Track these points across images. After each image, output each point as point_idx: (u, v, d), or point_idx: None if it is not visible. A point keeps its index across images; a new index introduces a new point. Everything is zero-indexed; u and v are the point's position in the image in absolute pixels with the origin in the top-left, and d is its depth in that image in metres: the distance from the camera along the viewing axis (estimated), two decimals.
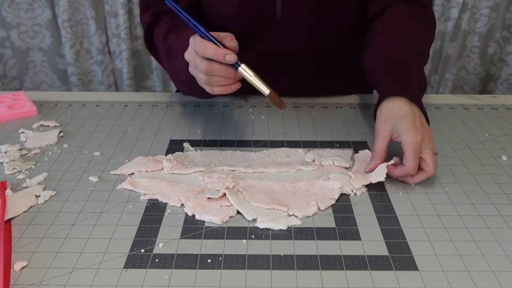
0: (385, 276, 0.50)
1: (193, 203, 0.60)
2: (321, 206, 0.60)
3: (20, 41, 1.73)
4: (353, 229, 0.56)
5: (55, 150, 0.73)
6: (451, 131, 0.79)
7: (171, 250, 0.53)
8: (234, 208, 0.59)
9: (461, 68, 1.88)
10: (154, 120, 0.83)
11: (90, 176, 0.66)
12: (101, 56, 1.75)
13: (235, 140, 0.76)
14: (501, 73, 1.89)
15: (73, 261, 0.52)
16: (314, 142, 0.76)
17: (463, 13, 1.74)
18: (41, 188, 0.63)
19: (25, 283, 0.49)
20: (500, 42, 1.84)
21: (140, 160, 0.69)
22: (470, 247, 0.54)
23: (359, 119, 0.83)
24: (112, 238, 0.55)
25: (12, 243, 0.54)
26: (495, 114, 0.85)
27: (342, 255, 0.53)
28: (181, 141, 0.75)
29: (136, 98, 0.91)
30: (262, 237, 0.55)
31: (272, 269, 0.51)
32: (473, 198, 0.62)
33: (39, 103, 0.88)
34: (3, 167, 0.68)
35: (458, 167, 0.69)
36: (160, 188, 0.63)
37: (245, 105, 0.88)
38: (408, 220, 0.58)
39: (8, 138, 0.76)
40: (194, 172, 0.66)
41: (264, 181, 0.64)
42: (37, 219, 0.58)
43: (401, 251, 0.53)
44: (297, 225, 0.57)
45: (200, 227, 0.57)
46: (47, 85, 1.83)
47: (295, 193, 0.62)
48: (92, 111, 0.86)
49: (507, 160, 0.71)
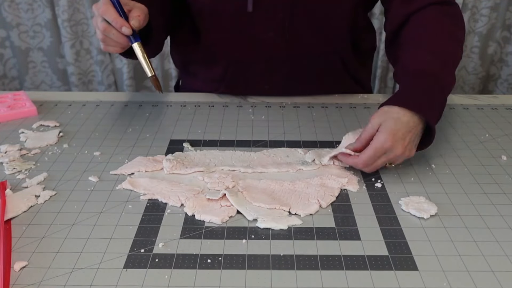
0: (385, 276, 0.50)
1: (193, 203, 0.60)
2: (322, 203, 0.60)
3: (20, 41, 1.73)
4: (353, 229, 0.56)
5: (55, 150, 0.73)
6: (451, 131, 0.79)
7: (171, 250, 0.53)
8: (234, 208, 0.59)
9: (461, 68, 1.88)
10: (154, 120, 0.83)
11: (90, 176, 0.66)
12: (101, 56, 1.75)
13: (235, 140, 0.76)
14: (501, 73, 1.89)
15: (73, 261, 0.52)
16: (314, 142, 0.76)
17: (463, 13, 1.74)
18: (41, 188, 0.63)
19: (25, 283, 0.49)
20: (500, 42, 1.84)
21: (140, 160, 0.69)
22: (470, 247, 0.54)
23: (358, 119, 0.83)
24: (112, 238, 0.55)
25: (12, 243, 0.54)
26: (495, 114, 0.85)
27: (342, 255, 0.53)
28: (181, 141, 0.75)
29: (136, 98, 0.91)
30: (262, 237, 0.55)
31: (272, 269, 0.51)
32: (473, 198, 0.62)
33: (39, 103, 0.88)
34: (3, 167, 0.68)
35: (458, 167, 0.69)
36: (160, 188, 0.63)
37: (245, 105, 0.88)
38: (408, 220, 0.58)
39: (8, 138, 0.76)
40: (194, 172, 0.66)
41: (264, 181, 0.64)
42: (37, 219, 0.58)
43: (401, 251, 0.53)
44: (297, 225, 0.57)
45: (200, 227, 0.57)
46: (47, 85, 1.83)
47: (295, 192, 0.62)
48: (92, 111, 0.86)
49: (507, 160, 0.71)
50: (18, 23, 1.70)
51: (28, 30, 1.72)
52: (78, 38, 1.73)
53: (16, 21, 1.69)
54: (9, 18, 1.68)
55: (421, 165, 0.69)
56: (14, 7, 1.67)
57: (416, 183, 0.65)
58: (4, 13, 1.67)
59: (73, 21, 1.69)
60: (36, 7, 1.68)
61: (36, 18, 1.70)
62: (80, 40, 1.74)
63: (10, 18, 1.68)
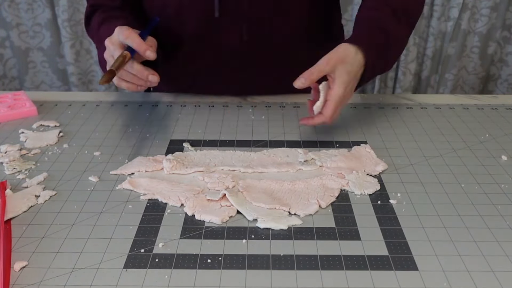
0: (385, 276, 0.50)
1: (193, 203, 0.60)
2: (322, 204, 0.60)
3: (20, 41, 1.73)
4: (353, 229, 0.56)
5: (55, 150, 0.73)
6: (451, 131, 0.79)
7: (171, 250, 0.53)
8: (234, 208, 0.59)
9: (461, 68, 1.88)
10: (154, 120, 0.83)
11: (90, 176, 0.66)
12: None
13: (235, 140, 0.76)
14: (501, 73, 1.89)
15: (73, 261, 0.52)
16: (314, 142, 0.76)
17: (463, 13, 1.74)
18: (41, 188, 0.63)
19: (25, 283, 0.49)
20: (500, 42, 1.84)
21: (140, 160, 0.69)
22: (470, 247, 0.54)
23: (359, 119, 0.83)
24: (112, 238, 0.55)
25: (12, 243, 0.54)
26: (495, 114, 0.85)
27: (342, 255, 0.53)
28: (181, 141, 0.75)
29: (136, 98, 0.91)
30: (262, 237, 0.55)
31: (272, 269, 0.51)
32: (473, 198, 0.62)
33: (39, 103, 0.88)
34: (3, 167, 0.68)
35: (458, 167, 0.69)
36: (160, 188, 0.63)
37: (245, 105, 0.88)
38: (408, 220, 0.58)
39: (8, 138, 0.76)
40: (194, 172, 0.66)
41: (264, 181, 0.64)
42: (37, 219, 0.58)
43: (401, 251, 0.53)
44: (297, 225, 0.57)
45: (200, 227, 0.57)
46: (47, 85, 1.83)
47: (294, 192, 0.62)
48: (92, 111, 0.86)
49: (507, 160, 0.71)
50: (18, 23, 1.70)
51: (28, 30, 1.72)
52: (78, 38, 1.73)
53: (16, 21, 1.70)
54: (9, 18, 1.68)
55: (421, 165, 0.69)
56: (14, 7, 1.67)
57: (416, 183, 0.65)
58: (4, 13, 1.67)
59: (73, 21, 1.69)
60: (36, 7, 1.68)
61: (36, 18, 1.70)
62: (80, 40, 1.74)
63: (10, 18, 1.68)
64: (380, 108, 0.87)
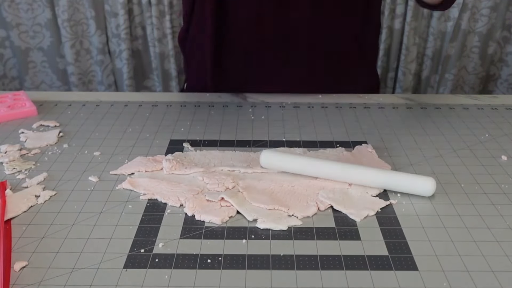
0: (385, 276, 0.50)
1: (193, 203, 0.60)
2: (321, 206, 0.60)
3: (20, 41, 1.73)
4: (353, 229, 0.56)
5: (55, 150, 0.73)
6: (451, 131, 0.79)
7: (171, 250, 0.53)
8: (234, 208, 0.59)
9: (461, 68, 1.88)
10: (154, 120, 0.83)
11: (90, 176, 0.66)
12: (101, 56, 1.76)
13: (235, 140, 0.76)
14: (501, 73, 1.89)
15: (73, 261, 0.52)
16: (314, 142, 0.76)
17: (463, 13, 1.74)
18: (41, 188, 0.63)
19: (25, 283, 0.49)
20: (500, 42, 1.84)
21: (140, 160, 0.69)
22: (470, 247, 0.54)
23: (359, 119, 0.83)
24: (111, 238, 0.55)
25: (12, 243, 0.54)
26: (495, 114, 0.85)
27: (342, 255, 0.53)
28: (181, 141, 0.75)
29: (136, 98, 0.91)
30: (262, 237, 0.55)
31: (272, 269, 0.51)
32: (473, 198, 0.62)
33: (39, 103, 0.88)
34: (3, 167, 0.68)
35: (458, 167, 0.69)
36: (160, 188, 0.63)
37: (245, 105, 0.88)
38: (408, 220, 0.58)
39: (8, 138, 0.76)
40: (194, 173, 0.66)
41: (264, 181, 0.64)
42: (37, 219, 0.58)
43: (401, 251, 0.53)
44: (297, 225, 0.57)
45: (200, 227, 0.57)
46: (47, 85, 1.84)
47: (294, 193, 0.62)
48: (92, 111, 0.86)
49: (507, 160, 0.71)
50: (18, 23, 1.70)
51: (28, 30, 1.72)
52: (78, 38, 1.73)
53: (16, 21, 1.70)
54: (9, 18, 1.68)
55: (421, 165, 0.69)
56: (14, 7, 1.67)
57: None
58: (4, 13, 1.67)
59: (73, 21, 1.70)
60: (36, 7, 1.69)
61: (36, 18, 1.71)
62: (80, 40, 1.74)
63: (10, 18, 1.68)
64: (380, 108, 0.87)
